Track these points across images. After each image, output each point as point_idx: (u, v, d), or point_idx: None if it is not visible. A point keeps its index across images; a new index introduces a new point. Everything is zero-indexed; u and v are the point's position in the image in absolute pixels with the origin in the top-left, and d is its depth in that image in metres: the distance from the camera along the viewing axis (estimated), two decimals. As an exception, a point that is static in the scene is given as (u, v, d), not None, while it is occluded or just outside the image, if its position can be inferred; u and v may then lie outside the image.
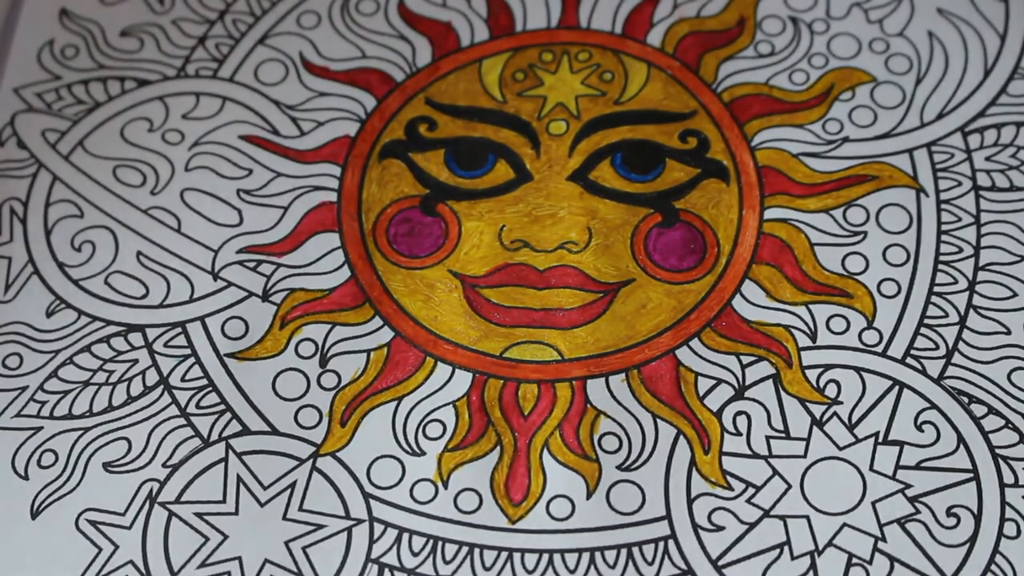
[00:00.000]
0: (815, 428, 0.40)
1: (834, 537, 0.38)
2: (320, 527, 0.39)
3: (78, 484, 0.40)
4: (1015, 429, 0.39)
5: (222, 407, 0.41)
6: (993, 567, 0.37)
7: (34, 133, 0.46)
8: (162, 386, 0.41)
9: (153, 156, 0.46)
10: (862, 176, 0.44)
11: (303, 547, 0.39)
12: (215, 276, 0.43)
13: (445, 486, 0.39)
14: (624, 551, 0.38)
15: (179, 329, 0.42)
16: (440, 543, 0.39)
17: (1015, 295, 0.41)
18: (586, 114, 0.45)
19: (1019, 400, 0.40)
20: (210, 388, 0.41)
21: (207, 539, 0.39)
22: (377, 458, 0.40)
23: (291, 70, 0.47)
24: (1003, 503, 0.38)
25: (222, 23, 0.48)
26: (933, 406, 0.40)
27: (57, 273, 0.44)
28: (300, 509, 0.39)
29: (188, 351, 0.42)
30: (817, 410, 0.40)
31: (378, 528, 0.39)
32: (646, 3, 0.47)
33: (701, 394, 0.40)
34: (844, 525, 0.38)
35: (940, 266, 0.42)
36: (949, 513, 0.38)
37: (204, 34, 0.48)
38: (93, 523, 0.39)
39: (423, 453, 0.40)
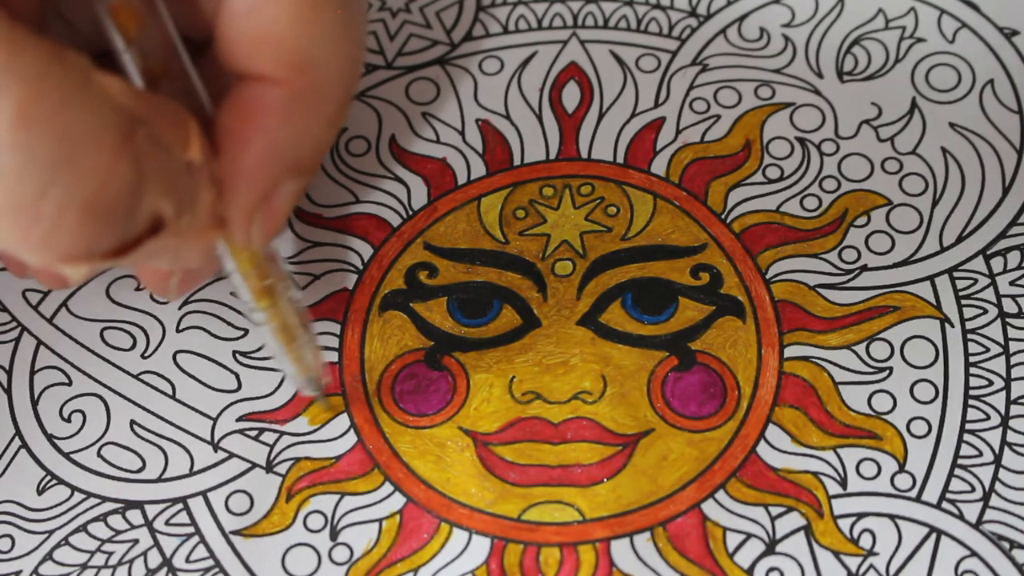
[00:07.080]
0: (852, 585, 0.38)
1: None
2: None
3: None
4: (1060, 576, 0.38)
5: (232, 593, 0.39)
6: None
7: (14, 294, 0.44)
8: (166, 568, 0.39)
9: (142, 316, 0.43)
10: (883, 307, 0.42)
11: None
12: (215, 447, 0.41)
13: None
14: None
15: (180, 505, 0.40)
16: None
17: (1050, 428, 0.40)
18: (592, 252, 0.43)
19: (1062, 544, 0.38)
20: (218, 570, 0.39)
21: None
22: (398, 641, 0.38)
23: (282, 218, 0.45)
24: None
25: (207, 169, 0.46)
26: (974, 554, 0.38)
27: (47, 446, 0.42)
28: None
29: (192, 529, 0.40)
30: (852, 563, 0.38)
31: None
32: (647, 129, 0.46)
33: (731, 550, 0.39)
34: None
35: (971, 401, 0.40)
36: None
37: (188, 181, 0.45)
38: None
39: (446, 631, 0.38)
